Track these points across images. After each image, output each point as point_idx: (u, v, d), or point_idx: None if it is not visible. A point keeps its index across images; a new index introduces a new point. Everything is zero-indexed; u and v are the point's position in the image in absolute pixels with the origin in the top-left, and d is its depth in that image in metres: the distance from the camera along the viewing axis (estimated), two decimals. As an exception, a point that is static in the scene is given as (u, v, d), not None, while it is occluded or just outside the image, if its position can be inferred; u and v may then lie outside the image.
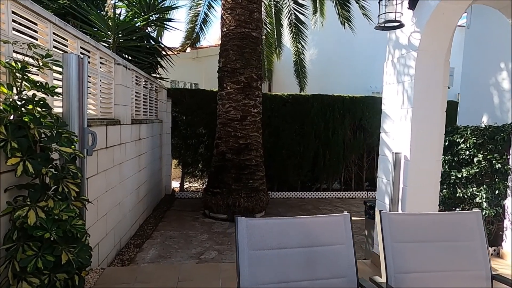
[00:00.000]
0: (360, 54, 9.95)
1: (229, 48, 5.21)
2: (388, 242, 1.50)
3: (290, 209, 6.08)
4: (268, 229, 1.41)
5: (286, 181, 7.17)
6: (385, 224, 1.53)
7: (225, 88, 5.28)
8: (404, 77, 2.73)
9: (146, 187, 5.13)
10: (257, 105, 5.38)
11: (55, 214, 1.72)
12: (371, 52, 9.89)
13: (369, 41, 9.76)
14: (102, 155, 3.14)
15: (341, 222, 1.51)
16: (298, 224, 1.46)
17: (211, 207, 5.31)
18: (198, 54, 9.09)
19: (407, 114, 2.68)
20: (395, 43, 2.91)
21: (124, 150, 3.88)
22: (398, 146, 2.80)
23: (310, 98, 7.12)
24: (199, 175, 7.20)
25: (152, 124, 5.48)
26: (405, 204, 2.68)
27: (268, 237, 1.39)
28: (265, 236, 1.39)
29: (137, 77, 4.63)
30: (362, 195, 7.38)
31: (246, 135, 5.28)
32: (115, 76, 3.66)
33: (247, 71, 5.20)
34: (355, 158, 7.40)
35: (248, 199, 5.19)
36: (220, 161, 5.35)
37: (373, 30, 2.90)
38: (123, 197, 3.87)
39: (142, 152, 4.79)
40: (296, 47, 8.24)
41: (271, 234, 1.40)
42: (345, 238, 1.48)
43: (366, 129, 7.26)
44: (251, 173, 5.29)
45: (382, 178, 3.04)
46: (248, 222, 1.45)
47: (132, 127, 4.23)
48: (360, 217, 5.58)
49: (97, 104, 3.18)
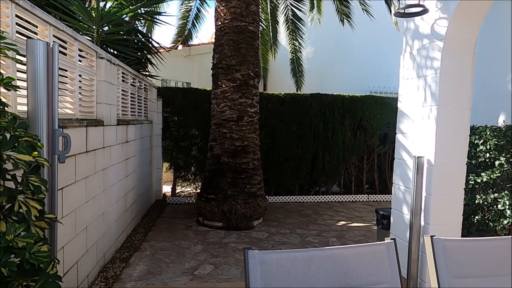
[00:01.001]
0: (358, 53, 9.68)
1: (224, 43, 4.85)
2: (444, 277, 1.15)
3: (289, 215, 5.73)
4: (289, 266, 1.05)
5: (283, 184, 6.82)
6: (438, 253, 1.18)
7: (220, 86, 4.91)
8: (427, 70, 2.41)
9: (135, 193, 4.73)
10: (254, 105, 5.02)
11: (8, 241, 1.33)
12: (369, 51, 9.63)
13: (367, 39, 9.50)
14: (81, 160, 2.75)
15: (384, 253, 1.16)
16: (328, 257, 1.10)
17: (205, 214, 4.92)
18: (190, 51, 8.69)
19: (430, 112, 2.35)
20: (414, 33, 2.58)
21: (109, 154, 3.48)
22: (419, 149, 2.47)
23: (308, 97, 6.79)
24: (192, 179, 6.80)
25: (141, 125, 5.08)
26: (429, 215, 2.35)
27: (290, 278, 1.02)
28: (285, 276, 1.02)
29: (123, 74, 4.24)
30: (362, 198, 7.08)
31: (243, 136, 4.92)
32: (98, 71, 3.26)
33: (244, 67, 4.84)
34: (355, 160, 7.10)
35: (245, 205, 4.82)
36: (215, 164, 4.98)
37: (371, 28, 2.59)
38: (107, 206, 3.47)
39: (129, 156, 4.40)
40: (293, 45, 7.91)
41: (294, 273, 1.03)
42: (390, 276, 1.12)
43: (366, 130, 6.96)
44: (248, 178, 4.93)
45: (399, 184, 2.71)
46: (263, 257, 1.07)
47: (118, 129, 3.83)
48: (363, 223, 5.27)
49: (76, 102, 2.79)
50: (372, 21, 8.78)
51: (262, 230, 4.84)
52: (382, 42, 9.47)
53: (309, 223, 5.29)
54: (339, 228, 5.02)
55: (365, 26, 9.01)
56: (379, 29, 9.41)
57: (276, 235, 4.67)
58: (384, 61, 9.67)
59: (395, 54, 9.87)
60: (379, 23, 9.13)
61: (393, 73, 10.13)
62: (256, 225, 5.03)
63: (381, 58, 9.63)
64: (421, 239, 2.40)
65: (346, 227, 5.09)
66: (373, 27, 9.15)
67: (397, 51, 9.54)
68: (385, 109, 6.97)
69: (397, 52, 9.59)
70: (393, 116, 7.18)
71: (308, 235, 4.66)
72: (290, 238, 4.53)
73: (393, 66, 10.11)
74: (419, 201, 2.38)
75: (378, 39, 9.46)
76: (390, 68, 9.79)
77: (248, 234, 4.68)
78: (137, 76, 4.87)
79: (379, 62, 9.62)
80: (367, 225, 5.20)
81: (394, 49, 10.00)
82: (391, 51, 9.65)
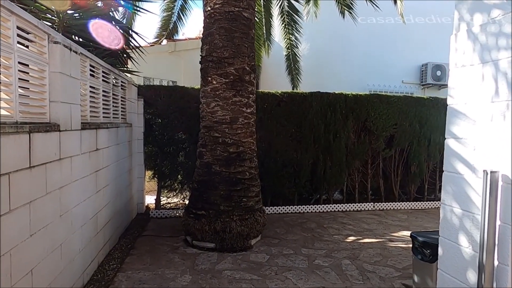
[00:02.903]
0: (356, 49, 9.08)
1: (214, 32, 4.13)
2: None
3: (290, 229, 5.04)
4: None
5: (281, 193, 6.13)
6: None
7: (210, 83, 4.19)
8: (498, 53, 1.75)
9: (109, 210, 3.95)
10: (250, 104, 4.32)
11: None
12: (367, 47, 9.05)
13: (365, 35, 8.92)
14: (20, 180, 1.99)
15: None
16: None
17: (194, 233, 4.18)
18: (176, 47, 7.92)
19: (506, 110, 1.70)
20: (474, 4, 1.92)
21: (69, 167, 2.72)
22: (485, 159, 1.82)
23: (308, 96, 6.12)
24: (179, 188, 6.04)
25: (116, 129, 4.31)
26: (506, 252, 1.69)
27: None
28: None
29: (93, 67, 3.47)
30: (367, 207, 6.45)
31: (238, 141, 4.21)
32: (51, 60, 2.50)
33: (238, 60, 4.14)
34: (359, 164, 6.46)
35: (241, 222, 4.11)
36: (205, 174, 4.24)
37: (370, 22, 1.91)
38: (68, 234, 2.70)
39: (101, 167, 3.62)
40: (289, 39, 7.26)
41: None
42: None
43: (371, 132, 6.34)
44: (244, 189, 4.21)
45: (452, 206, 2.05)
46: None
47: (84, 134, 3.07)
48: (376, 239, 4.61)
49: (14, 100, 2.02)
50: (371, 15, 8.21)
51: (262, 251, 4.13)
52: (382, 38, 8.91)
53: (315, 239, 4.60)
54: (349, 246, 4.36)
55: (364, 21, 8.46)
56: (378, 24, 8.85)
57: (279, 257, 3.96)
58: (384, 58, 9.12)
59: (396, 50, 9.38)
60: (378, 17, 8.58)
61: (394, 71, 9.65)
62: (254, 244, 4.32)
63: (381, 55, 9.07)
64: (495, 283, 1.75)
65: (357, 244, 4.42)
66: (372, 21, 8.60)
67: (398, 47, 8.96)
68: (391, 109, 6.36)
69: (398, 48, 9.02)
70: (400, 117, 6.69)
71: (316, 257, 3.98)
72: (295, 261, 3.83)
73: (394, 64, 9.64)
74: (492, 233, 1.73)
75: (378, 34, 8.89)
76: (391, 65, 9.25)
77: (246, 257, 3.96)
78: (111, 71, 4.10)
79: (379, 59, 9.06)
80: (380, 241, 4.54)
81: (395, 45, 9.54)
82: (392, 47, 9.11)
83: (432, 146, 6.55)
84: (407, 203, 6.65)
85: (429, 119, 6.50)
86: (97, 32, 4.00)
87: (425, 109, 6.50)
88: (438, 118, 6.55)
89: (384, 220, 5.66)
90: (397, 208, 6.54)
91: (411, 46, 9.12)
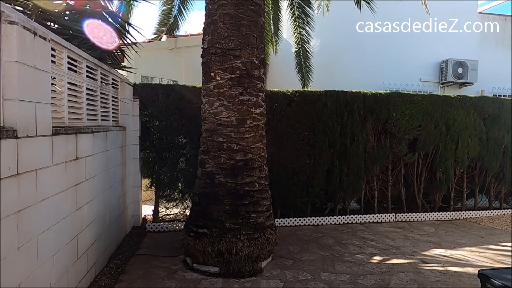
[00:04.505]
0: (370, 45, 8.45)
1: (218, 20, 3.54)
2: None
3: (305, 247, 4.42)
4: None
5: (292, 203, 5.51)
6: None
7: (213, 79, 3.59)
8: None
9: (95, 229, 3.36)
10: (259, 103, 3.72)
11: None
12: (383, 43, 8.42)
13: (379, 30, 8.29)
14: None
15: None
16: None
17: (194, 255, 3.58)
18: (176, 43, 7.34)
19: None
20: None
21: (32, 184, 2.13)
22: None
23: (322, 95, 5.51)
24: (179, 198, 5.45)
25: (105, 133, 3.73)
26: None
27: None
28: None
29: (74, 60, 2.89)
30: (388, 218, 5.81)
31: (245, 147, 3.60)
32: (5, 45, 1.92)
33: (246, 53, 3.54)
34: (379, 171, 5.82)
35: (250, 242, 3.50)
36: (207, 186, 3.64)
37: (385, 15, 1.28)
38: (30, 270, 2.11)
39: (83, 179, 3.04)
40: (299, 34, 6.66)
41: None
42: None
43: (392, 134, 5.71)
44: (253, 204, 3.60)
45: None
46: None
47: (57, 141, 2.48)
48: (406, 259, 3.98)
49: None
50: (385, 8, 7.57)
51: (274, 276, 3.51)
52: (398, 33, 8.27)
53: (334, 260, 3.98)
54: (376, 269, 3.72)
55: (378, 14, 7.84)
56: (394, 16, 8.23)
57: (295, 284, 3.34)
58: (400, 54, 8.49)
59: (413, 46, 8.68)
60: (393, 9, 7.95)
61: (410, 68, 8.97)
62: (265, 267, 3.70)
63: (397, 51, 8.43)
64: None
65: (385, 267, 3.79)
66: (387, 13, 7.96)
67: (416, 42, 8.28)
68: (414, 109, 5.73)
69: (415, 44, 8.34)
70: (424, 118, 5.98)
71: (339, 284, 3.35)
72: (315, 291, 3.21)
73: (411, 60, 8.95)
74: None
75: (394, 28, 8.26)
76: (407, 62, 8.60)
77: (255, 283, 3.34)
78: (99, 66, 3.53)
79: (395, 55, 8.42)
80: (412, 263, 3.91)
81: (412, 40, 8.85)
82: (409, 42, 8.47)
83: (460, 150, 5.90)
84: (432, 213, 6.00)
85: (456, 120, 5.85)
86: (87, 28, 3.45)
87: (453, 109, 5.86)
88: (467, 119, 5.90)
89: (410, 235, 5.01)
90: (422, 219, 5.89)
91: (429, 41, 8.47)
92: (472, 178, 6.24)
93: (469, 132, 5.94)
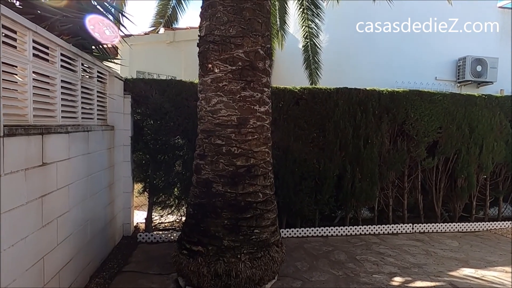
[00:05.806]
0: (382, 41, 7.92)
1: (217, 3, 3.03)
2: None
3: (314, 264, 3.90)
4: None
5: (299, 212, 4.99)
6: None
7: (211, 71, 3.09)
8: None
9: (70, 247, 2.87)
10: (264, 100, 3.21)
11: None
12: (396, 39, 7.89)
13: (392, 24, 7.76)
14: None
15: None
16: None
17: (188, 276, 3.08)
18: (175, 37, 6.84)
19: None
20: None
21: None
22: None
23: (333, 93, 5.00)
24: (175, 204, 4.95)
25: (87, 133, 3.24)
26: None
27: None
28: None
29: (40, 45, 2.41)
30: (405, 229, 5.28)
31: (248, 151, 3.10)
32: None
33: (249, 41, 3.03)
34: (394, 176, 5.30)
35: (252, 262, 2.99)
36: (203, 196, 3.14)
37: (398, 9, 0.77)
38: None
39: (53, 188, 2.55)
40: (307, 27, 6.14)
41: None
42: None
43: (410, 137, 5.18)
44: (256, 217, 3.09)
45: None
46: None
47: (12, 143, 1.99)
48: (431, 281, 3.44)
49: None
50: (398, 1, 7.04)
51: (280, 303, 3.00)
52: (412, 27, 7.73)
53: (349, 280, 3.46)
54: (398, 294, 3.20)
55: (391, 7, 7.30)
56: (407, 10, 7.69)
57: (304, 313, 2.83)
58: (414, 51, 7.95)
59: (428, 42, 8.07)
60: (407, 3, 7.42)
61: (426, 66, 8.42)
62: (269, 290, 3.20)
63: (411, 48, 7.90)
64: None
65: (408, 291, 3.27)
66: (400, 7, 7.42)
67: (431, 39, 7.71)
68: (434, 109, 5.19)
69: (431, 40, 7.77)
70: (445, 119, 5.14)
71: (357, 314, 2.84)
72: (329, 324, 2.70)
73: (426, 58, 8.38)
74: None
75: (407, 23, 7.72)
76: (422, 60, 8.05)
77: (258, 312, 2.84)
78: (79, 55, 3.04)
79: (409, 53, 7.88)
80: (439, 286, 3.38)
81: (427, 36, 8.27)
82: (423, 39, 7.92)
83: (484, 155, 5.36)
84: (453, 224, 5.46)
85: (481, 121, 5.31)
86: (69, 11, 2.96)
87: (477, 109, 5.31)
88: (492, 121, 5.36)
89: (431, 250, 4.48)
90: (442, 231, 5.35)
91: (445, 37, 7.92)
92: (496, 185, 5.69)
93: (495, 134, 5.39)
